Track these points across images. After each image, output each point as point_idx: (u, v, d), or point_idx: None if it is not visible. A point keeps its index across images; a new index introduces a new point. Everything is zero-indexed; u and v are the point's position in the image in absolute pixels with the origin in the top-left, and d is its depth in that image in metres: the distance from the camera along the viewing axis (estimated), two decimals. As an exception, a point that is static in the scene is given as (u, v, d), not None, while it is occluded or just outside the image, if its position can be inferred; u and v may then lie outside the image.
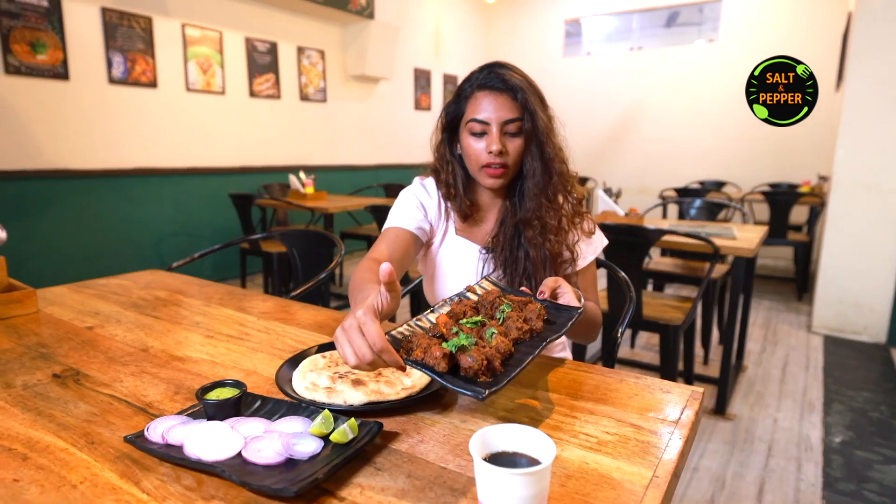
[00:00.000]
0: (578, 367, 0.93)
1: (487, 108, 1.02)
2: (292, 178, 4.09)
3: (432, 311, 0.80)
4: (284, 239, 1.94)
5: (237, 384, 0.73)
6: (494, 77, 1.03)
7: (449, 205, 1.14)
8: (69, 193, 3.54)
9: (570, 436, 0.70)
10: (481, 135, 1.04)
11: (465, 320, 0.74)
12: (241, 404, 0.72)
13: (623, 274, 1.26)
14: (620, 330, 1.14)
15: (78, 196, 3.59)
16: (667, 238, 2.20)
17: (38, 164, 3.37)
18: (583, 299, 1.02)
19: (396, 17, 5.72)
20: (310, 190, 3.97)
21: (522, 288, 0.91)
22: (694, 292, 4.29)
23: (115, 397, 0.79)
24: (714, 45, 6.11)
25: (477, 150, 1.04)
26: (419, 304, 2.83)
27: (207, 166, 4.34)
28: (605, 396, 0.81)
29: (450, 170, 1.12)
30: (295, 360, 0.88)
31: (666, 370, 2.14)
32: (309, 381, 0.81)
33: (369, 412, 0.74)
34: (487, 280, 0.91)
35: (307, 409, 0.72)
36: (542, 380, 0.87)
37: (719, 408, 2.39)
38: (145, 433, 0.66)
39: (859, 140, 3.26)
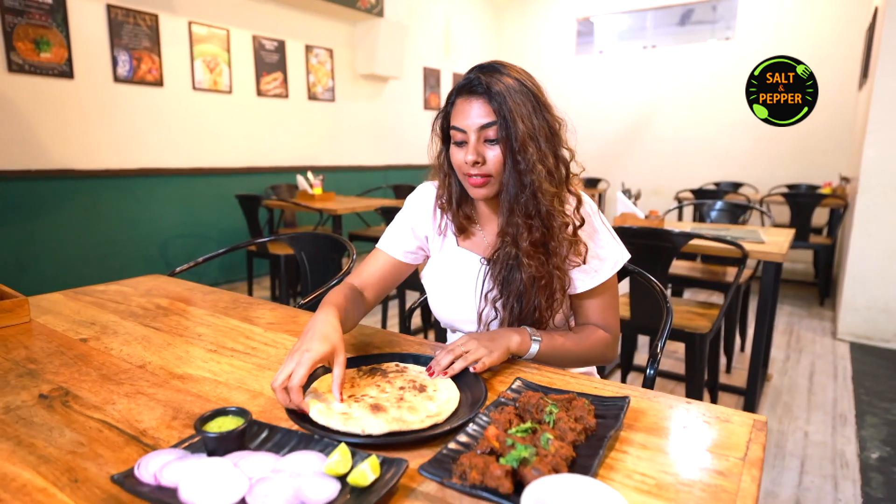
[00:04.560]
0: (618, 389, 0.84)
1: (465, 114, 0.95)
2: (300, 179, 4.02)
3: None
4: (292, 242, 1.85)
5: (241, 412, 0.64)
6: (474, 81, 0.95)
7: (448, 217, 1.08)
8: (73, 194, 3.47)
9: (622, 476, 0.60)
10: (462, 143, 0.96)
11: (513, 429, 0.65)
12: (246, 436, 0.63)
13: (659, 284, 1.16)
14: (659, 345, 1.04)
15: (82, 197, 3.52)
16: (693, 242, 2.10)
17: (42, 164, 3.31)
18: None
19: (406, 15, 5.63)
20: (318, 191, 3.89)
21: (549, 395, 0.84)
22: (713, 296, 4.19)
23: (106, 423, 0.71)
24: (730, 43, 5.98)
25: (458, 159, 0.97)
26: (428, 316, 2.69)
27: (214, 166, 4.27)
28: (654, 425, 0.72)
29: (447, 183, 1.05)
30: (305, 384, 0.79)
31: (692, 381, 2.03)
32: (322, 402, 0.72)
33: (391, 445, 0.65)
34: (520, 380, 0.82)
35: (321, 441, 0.63)
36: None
37: (746, 419, 2.27)
38: (136, 471, 0.57)
39: (889, 139, 3.13)
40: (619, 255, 1.02)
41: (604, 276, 1.00)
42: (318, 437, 0.63)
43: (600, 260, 1.00)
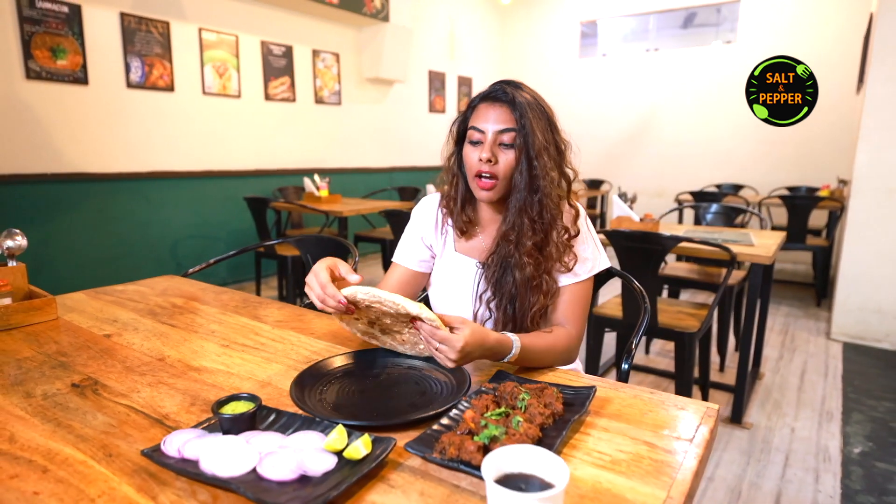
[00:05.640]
0: (589, 381, 0.92)
1: (485, 117, 1.04)
2: (307, 181, 4.12)
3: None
4: (299, 245, 1.95)
5: (252, 398, 0.73)
6: (499, 90, 1.05)
7: (450, 221, 1.16)
8: (88, 197, 3.60)
9: (583, 453, 0.69)
10: (477, 143, 1.05)
11: (489, 413, 0.74)
12: (256, 418, 0.72)
13: (637, 284, 1.25)
14: (634, 342, 1.13)
15: (96, 199, 3.65)
16: (683, 245, 2.18)
17: (58, 167, 3.43)
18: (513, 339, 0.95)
19: (411, 19, 5.73)
20: (324, 193, 3.99)
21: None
22: (710, 298, 4.26)
23: (133, 408, 0.81)
24: (732, 46, 6.04)
25: (472, 158, 1.05)
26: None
27: (223, 169, 4.38)
28: (618, 412, 0.81)
29: (454, 183, 1.13)
30: (309, 374, 0.89)
31: (681, 378, 2.11)
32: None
33: (382, 427, 0.74)
34: (500, 372, 0.91)
35: (321, 423, 0.72)
36: (556, 394, 0.86)
37: (735, 416, 2.35)
38: (162, 447, 0.67)
39: (881, 144, 3.20)
40: (599, 261, 1.11)
41: (582, 276, 1.09)
42: (318, 420, 0.73)
43: (581, 261, 1.09)
